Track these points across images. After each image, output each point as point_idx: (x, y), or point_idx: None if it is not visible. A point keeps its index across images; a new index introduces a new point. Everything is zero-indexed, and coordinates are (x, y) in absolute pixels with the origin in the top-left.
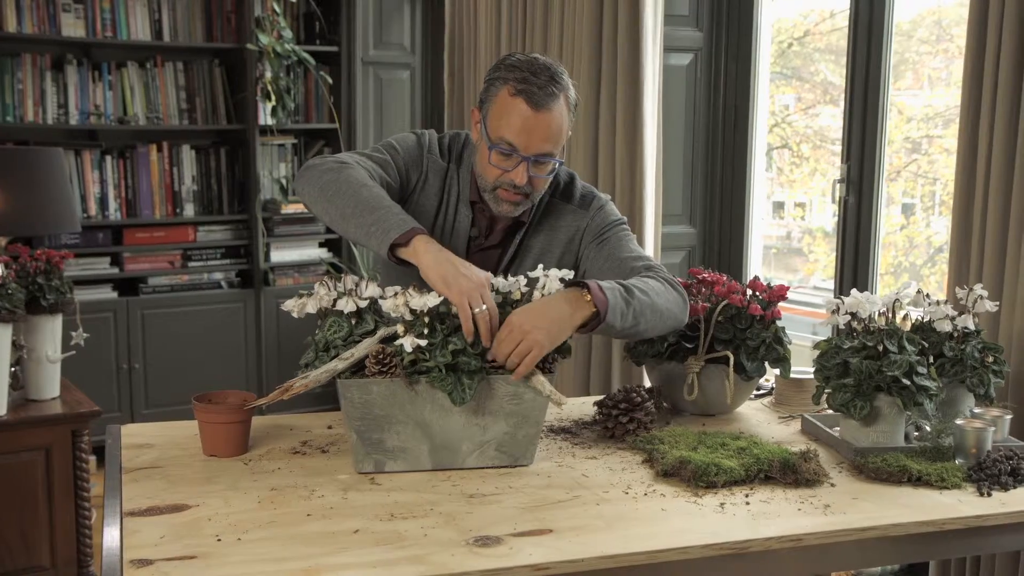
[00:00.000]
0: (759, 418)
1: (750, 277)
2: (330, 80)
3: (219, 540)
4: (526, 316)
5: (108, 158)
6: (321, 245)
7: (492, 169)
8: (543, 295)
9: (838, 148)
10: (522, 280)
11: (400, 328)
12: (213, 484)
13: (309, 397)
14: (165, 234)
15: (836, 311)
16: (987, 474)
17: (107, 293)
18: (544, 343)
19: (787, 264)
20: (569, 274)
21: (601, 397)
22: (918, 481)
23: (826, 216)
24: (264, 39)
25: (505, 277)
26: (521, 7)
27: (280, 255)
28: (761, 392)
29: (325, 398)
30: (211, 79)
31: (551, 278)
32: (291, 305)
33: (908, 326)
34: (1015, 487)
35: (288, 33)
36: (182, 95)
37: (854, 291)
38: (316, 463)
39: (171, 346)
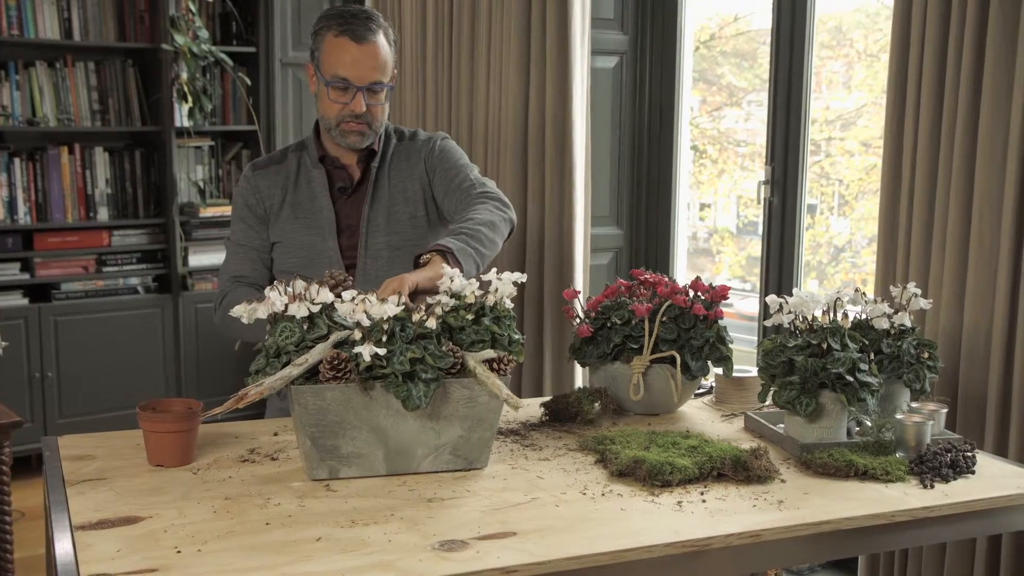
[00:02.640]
0: (702, 417)
1: (676, 277)
2: (248, 81)
3: (178, 552)
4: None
5: (17, 160)
6: None
7: (333, 105)
8: (496, 298)
9: (744, 150)
10: (475, 283)
11: (357, 333)
12: (163, 495)
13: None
14: (78, 239)
15: (779, 310)
16: (929, 467)
17: (17, 300)
18: (410, 278)
19: (695, 264)
20: (523, 277)
21: (547, 399)
22: (864, 475)
23: (731, 217)
24: (180, 39)
25: (373, 202)
26: (447, 9)
27: (199, 259)
28: (701, 391)
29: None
30: (124, 80)
31: (504, 281)
32: (241, 311)
33: (849, 324)
34: (955, 478)
35: (204, 33)
36: (94, 96)
37: (797, 291)
38: (267, 471)
39: (86, 354)
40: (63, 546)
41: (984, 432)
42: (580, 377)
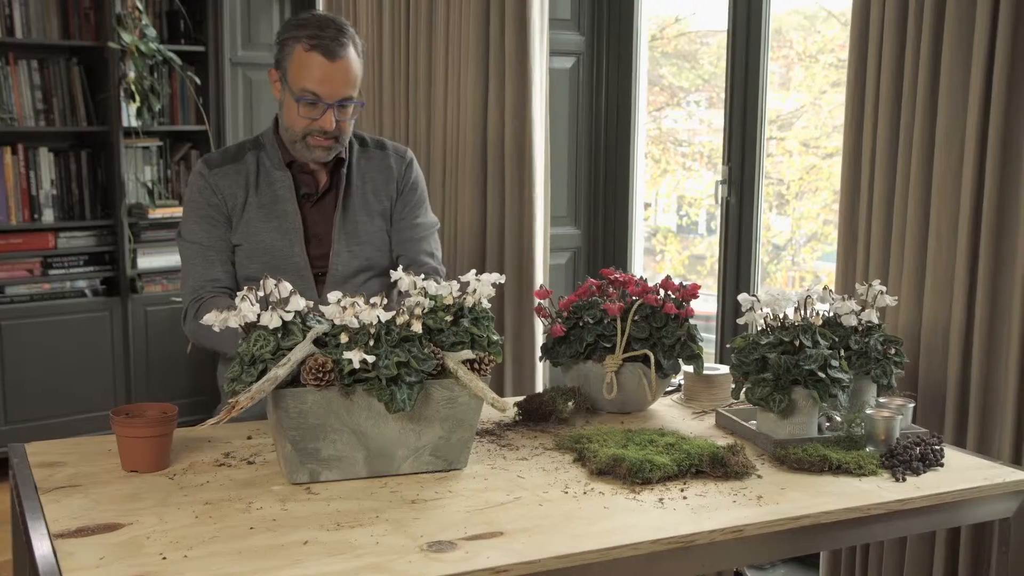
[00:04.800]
0: (672, 415)
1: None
2: (198, 80)
3: (164, 558)
4: None
5: None
6: None
7: (300, 120)
8: (474, 300)
9: (686, 150)
10: (455, 285)
11: (343, 337)
12: (141, 501)
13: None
14: (22, 241)
15: (752, 308)
16: (900, 460)
17: None
18: None
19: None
20: (501, 279)
21: (521, 398)
22: (838, 469)
23: (671, 216)
24: (127, 37)
25: (344, 214)
26: (404, 10)
27: (148, 261)
28: (669, 389)
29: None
30: (69, 78)
31: (483, 283)
32: (212, 319)
33: (820, 321)
34: (925, 471)
35: (151, 31)
36: (38, 95)
37: (769, 289)
38: (245, 475)
39: (32, 358)
40: (44, 555)
41: (943, 425)
42: (540, 376)
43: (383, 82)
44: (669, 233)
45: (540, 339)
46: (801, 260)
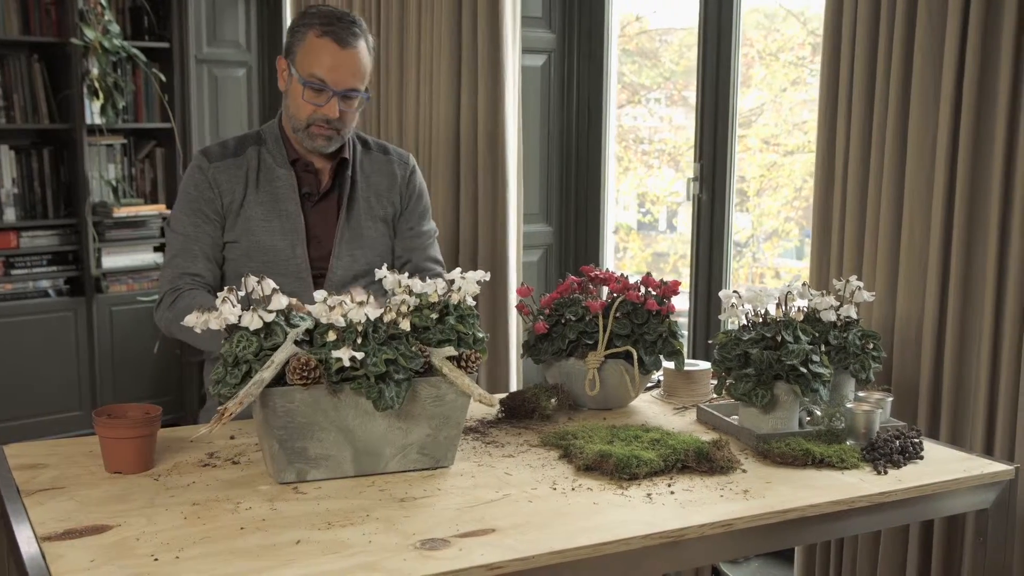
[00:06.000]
0: (654, 410)
1: None
2: (163, 78)
3: (156, 560)
4: None
5: None
6: (156, 249)
7: (306, 106)
8: (459, 297)
9: (647, 147)
10: (440, 283)
11: (331, 335)
12: (127, 502)
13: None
14: None
15: (733, 305)
16: (880, 453)
17: None
18: None
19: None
20: (486, 276)
21: (504, 395)
22: (820, 463)
23: (631, 214)
24: (90, 34)
25: (348, 217)
26: (375, 8)
27: (113, 260)
28: (649, 385)
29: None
30: (30, 75)
31: (468, 280)
32: (193, 321)
33: (801, 317)
34: (905, 464)
35: (115, 28)
36: None
37: (750, 285)
38: (231, 475)
39: None
40: (32, 558)
41: (917, 418)
42: (514, 373)
43: None
44: (631, 231)
45: (515, 336)
46: (762, 256)
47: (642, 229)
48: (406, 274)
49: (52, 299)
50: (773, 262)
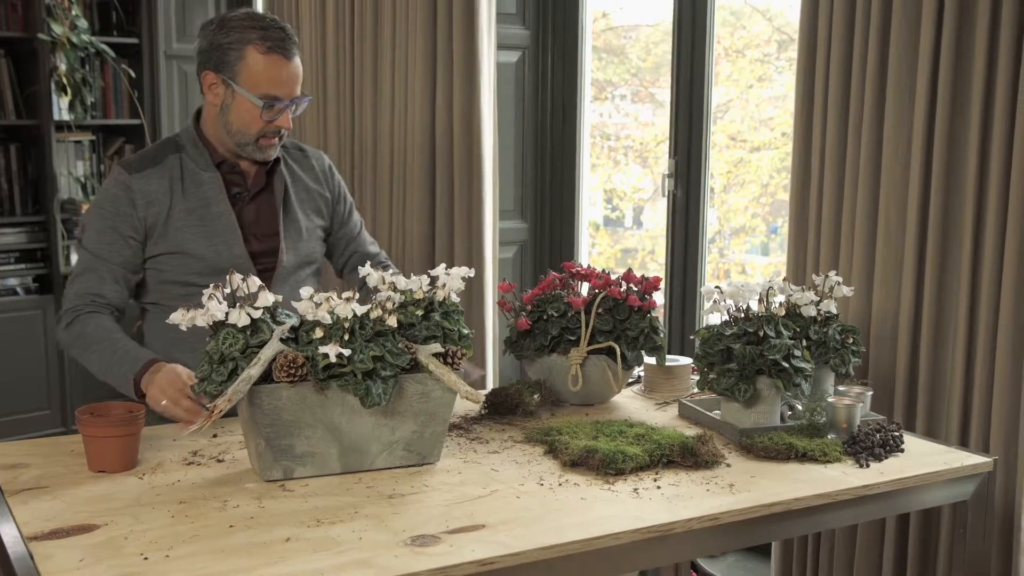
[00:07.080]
0: (635, 406)
1: None
2: (132, 73)
3: (146, 559)
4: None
5: None
6: None
7: (259, 122)
8: (444, 294)
9: (613, 144)
10: (424, 280)
11: (318, 332)
12: (113, 501)
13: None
14: None
15: (716, 301)
16: (862, 447)
17: None
18: None
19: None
20: (471, 272)
21: (486, 391)
22: (803, 457)
23: (597, 210)
24: (57, 29)
25: (287, 211)
26: (348, 6)
27: None
28: (630, 381)
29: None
30: None
31: (453, 276)
32: (178, 318)
33: (783, 312)
34: (887, 457)
35: (83, 23)
36: None
37: (732, 281)
38: (216, 473)
39: None
40: (20, 558)
41: (893, 411)
42: (491, 369)
43: (327, 79)
44: (599, 227)
45: (491, 332)
46: (729, 252)
47: (609, 225)
48: (375, 264)
49: (20, 297)
50: (740, 258)
